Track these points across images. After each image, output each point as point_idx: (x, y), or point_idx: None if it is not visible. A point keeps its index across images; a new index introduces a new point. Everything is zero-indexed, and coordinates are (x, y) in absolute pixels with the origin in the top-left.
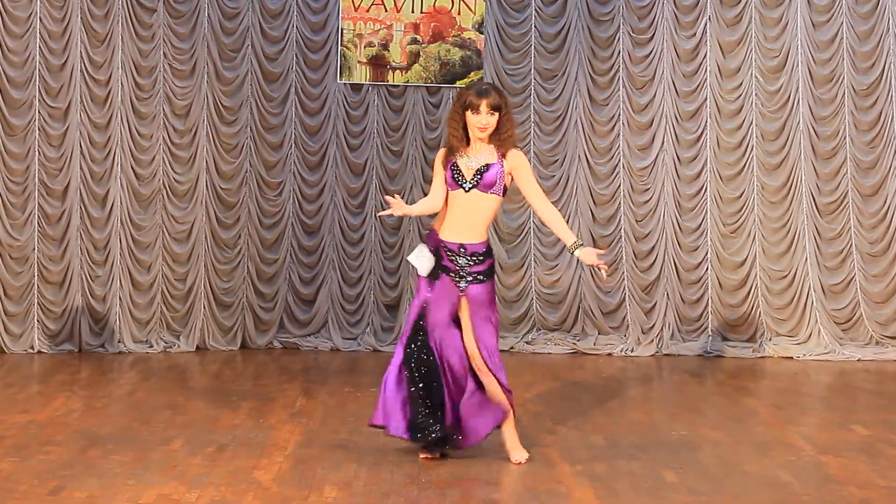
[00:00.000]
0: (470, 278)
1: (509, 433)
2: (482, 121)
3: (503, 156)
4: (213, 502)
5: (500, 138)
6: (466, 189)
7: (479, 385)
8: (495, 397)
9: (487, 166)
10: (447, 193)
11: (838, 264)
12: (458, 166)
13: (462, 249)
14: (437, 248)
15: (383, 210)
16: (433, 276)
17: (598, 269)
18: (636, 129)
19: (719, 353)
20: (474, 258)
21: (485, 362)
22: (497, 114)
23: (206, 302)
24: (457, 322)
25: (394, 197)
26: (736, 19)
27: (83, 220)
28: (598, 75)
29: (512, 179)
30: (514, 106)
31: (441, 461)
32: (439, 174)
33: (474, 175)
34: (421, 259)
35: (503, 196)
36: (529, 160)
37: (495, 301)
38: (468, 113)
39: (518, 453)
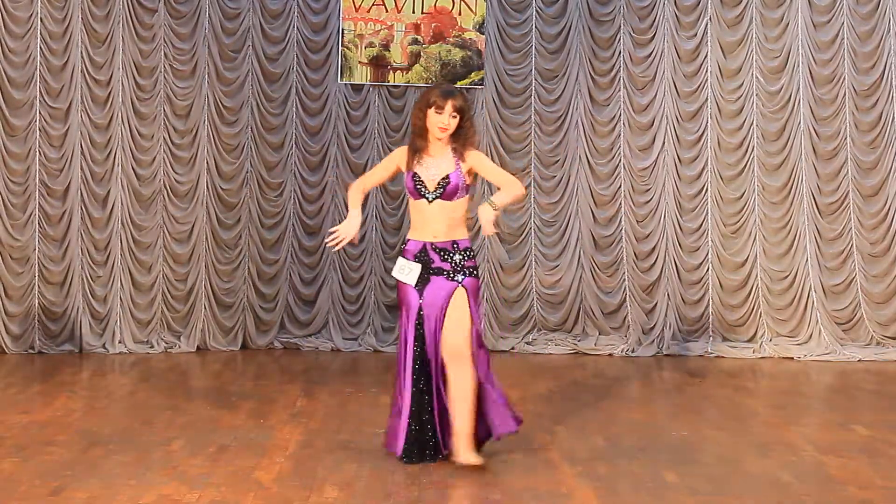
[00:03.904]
0: (466, 272)
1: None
2: (444, 121)
3: (462, 158)
4: (214, 503)
5: (461, 142)
6: (430, 199)
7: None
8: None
9: (448, 178)
10: (408, 199)
11: (839, 265)
12: (419, 177)
13: (455, 246)
14: (426, 252)
15: (336, 247)
16: (420, 282)
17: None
18: (637, 129)
19: (720, 353)
20: (467, 253)
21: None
22: (459, 117)
23: (207, 302)
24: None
25: (334, 234)
26: (737, 20)
27: (84, 220)
28: (599, 76)
29: (475, 177)
30: (515, 106)
31: (441, 462)
32: (390, 165)
33: (436, 188)
34: (404, 270)
35: (469, 193)
36: (529, 161)
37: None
38: (431, 111)
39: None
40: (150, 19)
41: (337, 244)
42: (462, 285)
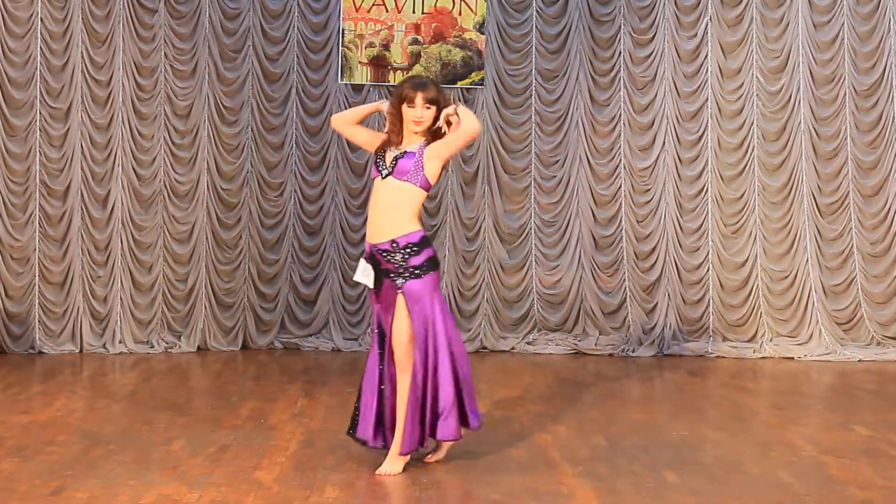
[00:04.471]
0: (408, 274)
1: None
2: (417, 114)
3: (428, 143)
4: (215, 503)
5: (439, 133)
6: (383, 175)
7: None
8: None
9: (405, 153)
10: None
11: (839, 265)
12: (382, 153)
13: (395, 245)
14: (373, 255)
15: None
16: (377, 285)
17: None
18: (637, 129)
19: (720, 353)
20: (408, 249)
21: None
22: (433, 108)
23: (208, 302)
24: None
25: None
26: (737, 20)
27: (84, 220)
28: (599, 76)
29: (443, 167)
30: (515, 106)
31: (442, 462)
32: (373, 137)
33: (392, 161)
34: (367, 273)
35: (423, 188)
36: (530, 161)
37: (438, 294)
38: (404, 106)
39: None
40: (150, 19)
41: None
42: (402, 292)
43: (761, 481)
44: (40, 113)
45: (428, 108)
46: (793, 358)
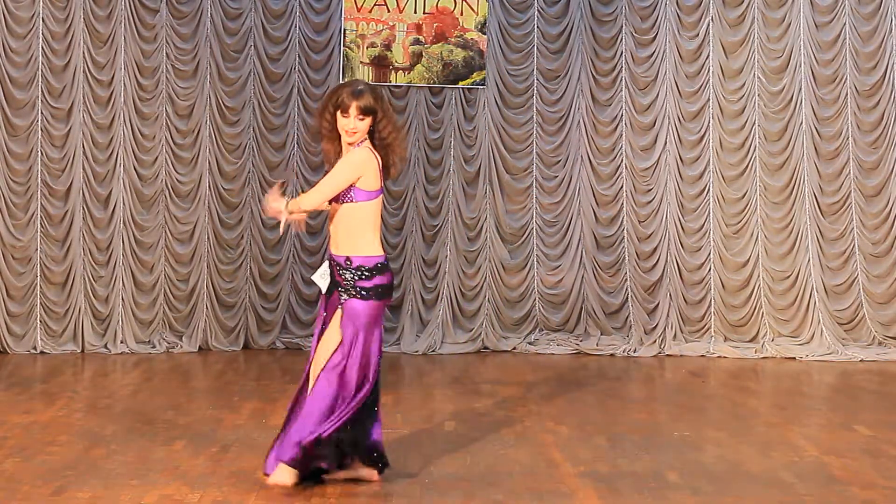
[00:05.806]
0: (353, 292)
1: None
2: (349, 124)
3: None
4: (216, 503)
5: (381, 144)
6: (329, 202)
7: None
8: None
9: None
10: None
11: (841, 265)
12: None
13: (348, 262)
14: (330, 264)
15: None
16: (329, 292)
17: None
18: (639, 129)
19: (722, 353)
20: (360, 272)
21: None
22: (368, 118)
23: (209, 302)
24: None
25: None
26: (738, 20)
27: (86, 220)
28: (601, 76)
29: (383, 179)
30: (517, 106)
31: (443, 463)
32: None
33: None
34: (322, 276)
35: (366, 199)
36: (531, 161)
37: (372, 328)
38: (338, 113)
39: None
40: (151, 19)
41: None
42: (341, 306)
43: (762, 481)
44: (42, 113)
45: (362, 119)
46: (794, 358)
